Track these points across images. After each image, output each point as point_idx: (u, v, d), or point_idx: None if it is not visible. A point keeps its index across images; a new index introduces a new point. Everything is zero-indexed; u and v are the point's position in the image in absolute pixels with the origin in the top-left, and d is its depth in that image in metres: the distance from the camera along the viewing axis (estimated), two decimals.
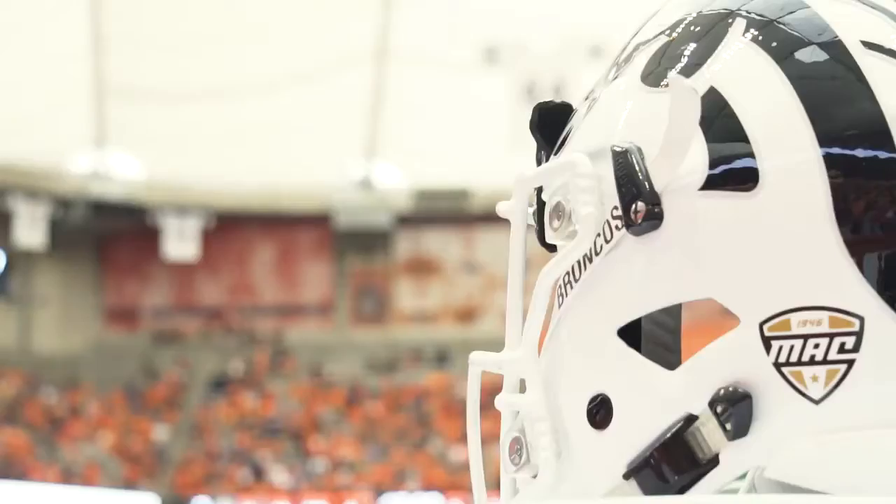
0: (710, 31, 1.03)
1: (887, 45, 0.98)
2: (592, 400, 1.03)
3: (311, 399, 30.14)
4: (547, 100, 1.13)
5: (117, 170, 29.45)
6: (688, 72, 1.01)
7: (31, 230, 28.93)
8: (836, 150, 0.96)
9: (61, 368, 30.01)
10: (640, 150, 1.01)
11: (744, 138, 0.98)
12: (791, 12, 1.01)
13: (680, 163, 0.99)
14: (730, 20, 1.02)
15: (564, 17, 26.85)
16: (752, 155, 0.97)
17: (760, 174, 0.97)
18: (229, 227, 31.01)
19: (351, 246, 31.55)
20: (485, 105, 27.97)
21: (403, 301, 31.98)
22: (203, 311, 32.15)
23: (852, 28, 0.99)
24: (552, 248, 1.08)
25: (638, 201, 1.00)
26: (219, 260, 31.83)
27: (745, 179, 0.97)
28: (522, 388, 1.08)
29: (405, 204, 30.81)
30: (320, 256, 32.10)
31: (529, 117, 1.13)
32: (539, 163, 1.12)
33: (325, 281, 32.11)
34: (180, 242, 30.52)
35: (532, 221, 1.10)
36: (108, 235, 31.53)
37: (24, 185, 28.64)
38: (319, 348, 31.07)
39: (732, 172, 0.98)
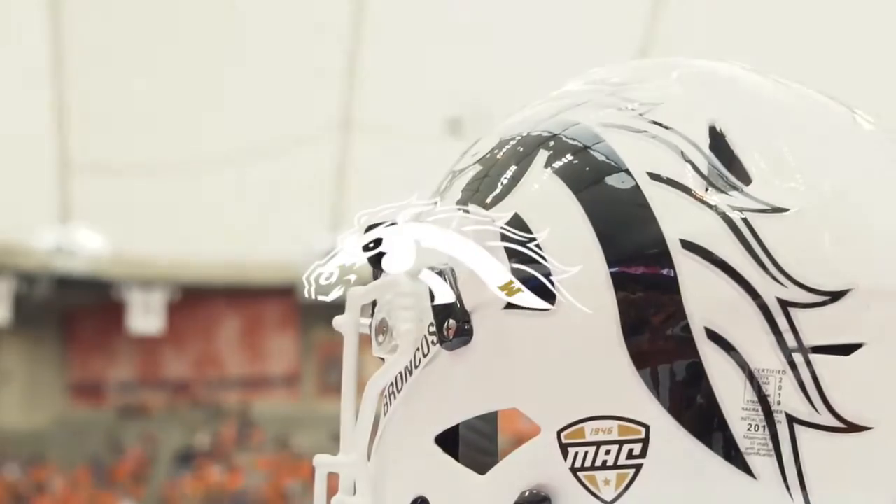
0: (518, 163, 1.12)
1: (671, 176, 1.07)
2: (413, 502, 1.11)
3: (278, 471, 29.99)
4: (375, 221, 1.22)
5: (81, 245, 29.37)
6: (495, 199, 1.10)
7: None
8: (622, 270, 1.04)
9: (25, 445, 29.79)
10: (453, 271, 1.10)
11: (542, 260, 1.06)
12: (588, 146, 1.10)
13: (486, 283, 1.08)
14: (534, 152, 1.11)
15: (527, 89, 27.00)
16: (549, 275, 1.06)
17: (556, 293, 1.06)
18: (195, 301, 30.94)
19: (317, 318, 31.50)
20: None
21: (370, 372, 31.85)
22: (169, 385, 32.02)
23: (641, 160, 1.08)
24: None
25: (450, 319, 1.09)
26: (184, 333, 31.75)
27: (543, 298, 1.06)
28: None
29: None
30: (286, 329, 32.06)
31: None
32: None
33: (291, 353, 32.05)
34: (145, 316, 30.42)
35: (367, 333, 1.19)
36: (72, 310, 31.44)
37: None
38: (286, 420, 30.94)
39: (532, 292, 1.06)
